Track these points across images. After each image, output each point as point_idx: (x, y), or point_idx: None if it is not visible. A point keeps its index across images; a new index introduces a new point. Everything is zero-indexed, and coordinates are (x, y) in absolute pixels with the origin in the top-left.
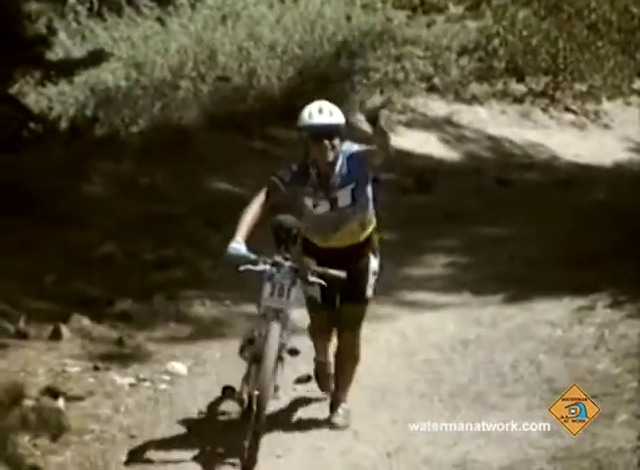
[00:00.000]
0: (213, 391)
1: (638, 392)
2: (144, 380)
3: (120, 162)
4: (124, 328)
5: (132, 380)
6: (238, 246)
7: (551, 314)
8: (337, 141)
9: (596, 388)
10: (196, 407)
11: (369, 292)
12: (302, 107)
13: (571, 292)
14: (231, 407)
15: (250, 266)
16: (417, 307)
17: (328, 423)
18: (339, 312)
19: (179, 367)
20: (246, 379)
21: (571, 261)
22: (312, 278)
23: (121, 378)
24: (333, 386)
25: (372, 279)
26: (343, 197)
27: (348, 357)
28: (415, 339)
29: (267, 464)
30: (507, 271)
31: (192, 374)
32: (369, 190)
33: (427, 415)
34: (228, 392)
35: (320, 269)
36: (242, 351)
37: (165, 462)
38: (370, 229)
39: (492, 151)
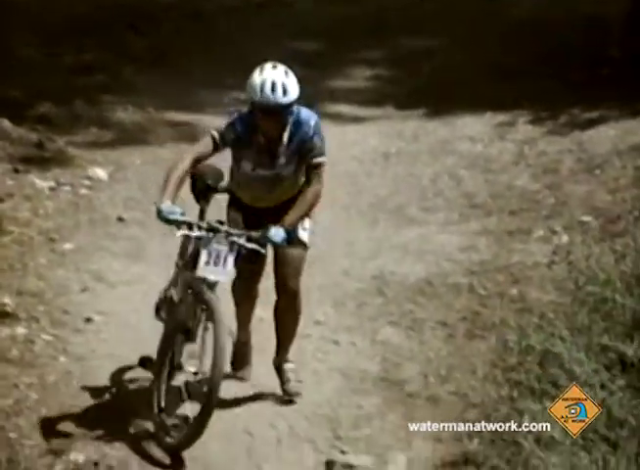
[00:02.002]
0: (134, 197)
1: (555, 207)
2: (64, 184)
3: None
4: (44, 131)
5: (52, 184)
6: (171, 207)
7: (472, 130)
8: (287, 117)
9: (514, 203)
10: (115, 213)
11: (304, 235)
12: None
13: (492, 107)
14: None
15: (186, 232)
16: (340, 120)
17: (283, 391)
18: (275, 261)
19: (100, 172)
20: (164, 348)
21: (494, 76)
22: (250, 245)
23: (41, 181)
24: (247, 364)
25: (306, 223)
26: (287, 170)
27: (289, 310)
28: (337, 151)
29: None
30: (430, 85)
31: (112, 180)
32: None
33: (347, 227)
34: (147, 364)
35: (257, 235)
36: (158, 311)
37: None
38: (301, 183)
39: None
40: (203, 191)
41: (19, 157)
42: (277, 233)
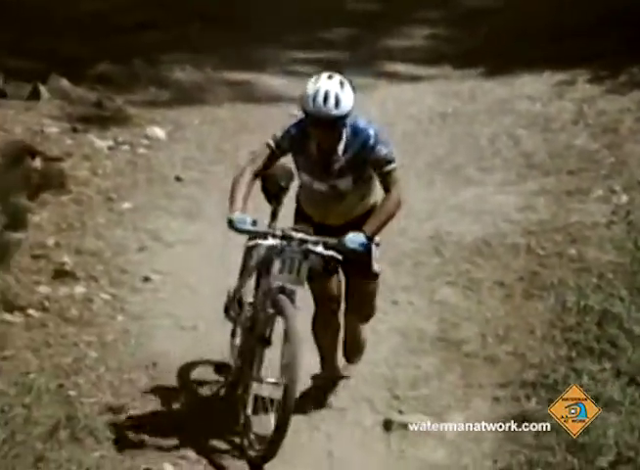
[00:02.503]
0: (192, 156)
1: (614, 167)
2: (123, 143)
3: None
4: (103, 90)
5: (111, 143)
6: (242, 217)
7: (531, 88)
8: (340, 129)
9: (573, 163)
10: (173, 173)
11: (376, 266)
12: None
13: (551, 66)
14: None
15: (259, 241)
16: (397, 79)
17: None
18: (349, 289)
19: (158, 132)
20: (240, 353)
21: (553, 35)
22: (326, 252)
23: (100, 141)
24: None
25: (376, 252)
26: (344, 183)
27: (353, 345)
28: (393, 110)
29: None
30: (487, 44)
31: (171, 139)
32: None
33: (403, 186)
34: (223, 369)
35: (334, 241)
36: (227, 310)
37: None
38: (372, 200)
39: None
40: (274, 191)
41: (77, 116)
42: (355, 238)
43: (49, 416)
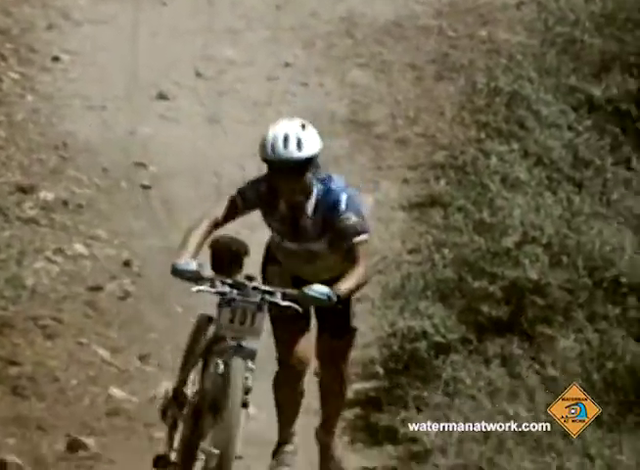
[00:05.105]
0: None
1: None
2: None
3: None
4: None
5: None
6: (187, 261)
7: None
8: (307, 176)
9: None
10: None
11: (353, 322)
12: None
13: None
14: None
15: (205, 287)
16: None
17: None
18: (319, 345)
19: None
20: (190, 436)
21: None
22: (284, 302)
23: None
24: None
25: (355, 306)
26: (317, 246)
27: (332, 392)
28: None
29: None
30: None
31: None
32: None
33: None
34: (161, 462)
35: (295, 292)
36: (164, 412)
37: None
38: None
39: None
40: (227, 264)
41: None
42: (320, 289)
43: None
